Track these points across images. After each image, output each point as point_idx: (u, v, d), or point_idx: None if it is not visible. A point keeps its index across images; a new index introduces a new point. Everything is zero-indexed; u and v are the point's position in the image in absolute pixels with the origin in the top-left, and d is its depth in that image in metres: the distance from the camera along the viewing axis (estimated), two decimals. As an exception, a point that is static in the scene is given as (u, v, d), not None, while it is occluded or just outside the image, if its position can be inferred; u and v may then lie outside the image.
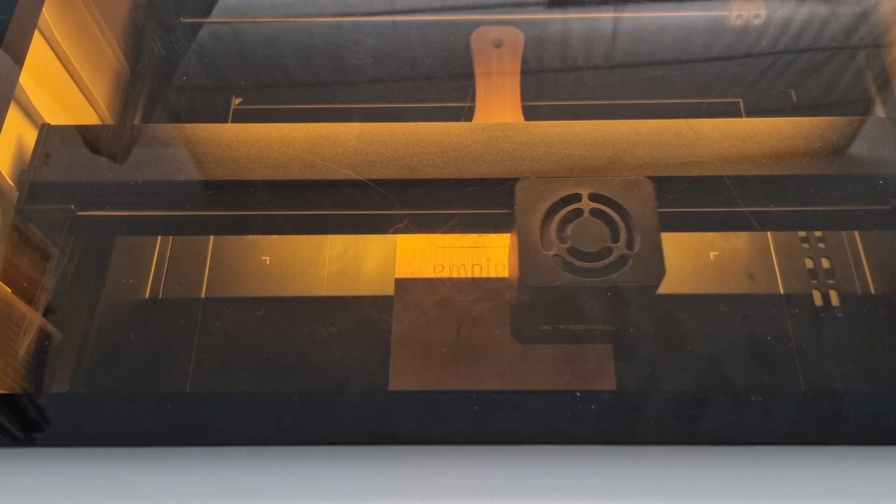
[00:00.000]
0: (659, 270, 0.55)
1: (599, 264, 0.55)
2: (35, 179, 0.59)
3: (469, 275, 0.62)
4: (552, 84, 0.75)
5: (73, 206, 0.60)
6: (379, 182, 0.59)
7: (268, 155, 0.61)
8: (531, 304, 0.58)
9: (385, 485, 0.45)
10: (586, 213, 0.57)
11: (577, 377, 0.56)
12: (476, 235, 0.63)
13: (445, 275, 0.62)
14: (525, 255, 0.55)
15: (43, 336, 0.57)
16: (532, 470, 0.45)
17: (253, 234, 0.67)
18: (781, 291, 0.66)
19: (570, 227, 0.56)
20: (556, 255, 0.56)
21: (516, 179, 0.59)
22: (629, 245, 0.56)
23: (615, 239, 0.56)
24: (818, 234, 0.68)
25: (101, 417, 0.49)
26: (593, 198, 0.57)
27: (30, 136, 0.62)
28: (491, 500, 0.44)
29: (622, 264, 0.55)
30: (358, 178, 0.59)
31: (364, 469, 0.45)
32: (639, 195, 0.57)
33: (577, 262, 0.55)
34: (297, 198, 0.61)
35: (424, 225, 0.62)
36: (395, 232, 0.61)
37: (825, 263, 0.67)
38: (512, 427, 0.47)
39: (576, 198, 0.58)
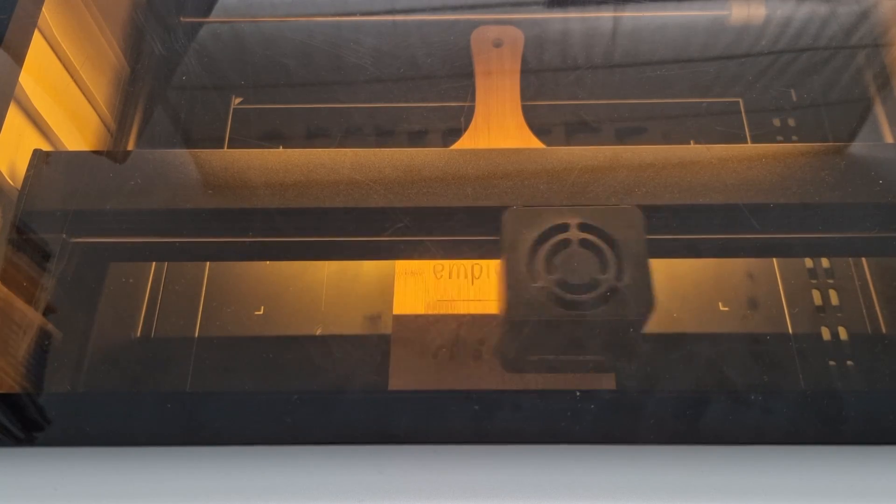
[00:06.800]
0: (648, 302, 0.53)
1: (587, 297, 0.54)
2: (27, 208, 0.58)
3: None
4: (552, 84, 0.75)
5: (64, 236, 0.59)
6: (375, 208, 0.58)
7: (263, 181, 0.60)
8: (520, 336, 0.56)
9: (385, 485, 0.45)
10: (574, 244, 0.55)
11: (577, 377, 0.56)
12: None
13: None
14: (512, 287, 0.54)
15: (43, 336, 0.57)
16: (532, 470, 0.45)
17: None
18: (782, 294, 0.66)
19: (558, 258, 0.55)
20: (544, 286, 0.54)
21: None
22: (618, 277, 0.54)
23: (604, 270, 0.54)
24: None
25: (101, 417, 0.49)
26: (582, 228, 0.56)
27: (30, 136, 0.62)
28: (491, 500, 0.44)
29: (610, 297, 0.54)
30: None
31: (364, 469, 0.46)
32: (628, 225, 0.56)
33: (564, 295, 0.54)
34: (292, 224, 0.60)
35: (418, 252, 0.61)
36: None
37: (825, 263, 0.67)
38: (512, 427, 0.47)
39: (563, 228, 0.56)
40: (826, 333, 0.63)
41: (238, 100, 0.75)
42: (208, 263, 0.67)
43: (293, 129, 0.75)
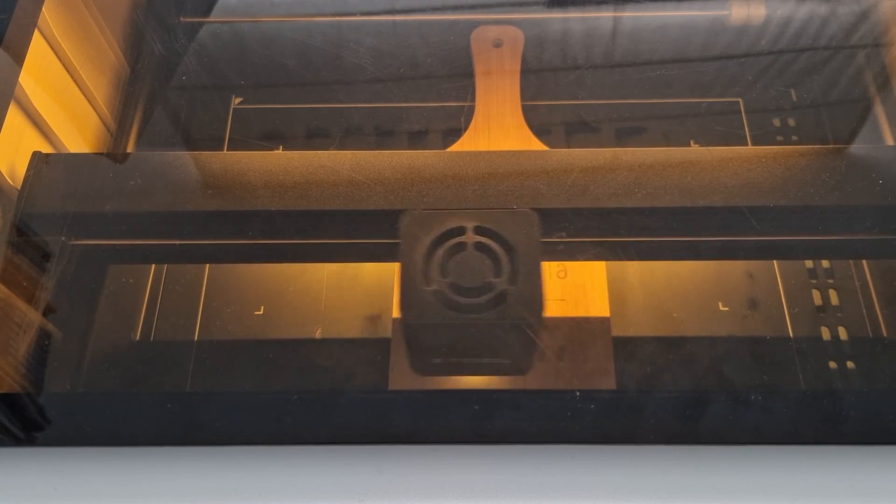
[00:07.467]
0: (537, 306, 0.53)
1: (479, 300, 0.53)
2: (27, 210, 0.58)
3: None
4: (552, 84, 0.75)
5: (64, 238, 0.59)
6: (373, 211, 0.58)
7: (263, 183, 0.59)
8: (420, 339, 0.55)
9: (385, 485, 0.45)
10: (469, 247, 0.55)
11: (577, 376, 0.56)
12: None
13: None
14: (405, 290, 0.54)
15: (43, 336, 0.57)
16: (532, 470, 0.45)
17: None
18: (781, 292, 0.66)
19: (452, 262, 0.54)
20: (437, 290, 0.54)
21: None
22: (511, 280, 0.54)
23: (497, 274, 0.54)
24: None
25: (101, 417, 0.49)
26: (478, 231, 0.55)
27: (30, 137, 0.62)
28: (491, 500, 0.44)
29: (502, 300, 0.53)
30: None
31: (364, 469, 0.46)
32: (523, 228, 0.55)
33: (457, 298, 0.53)
34: (291, 226, 0.59)
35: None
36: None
37: (825, 263, 0.67)
38: (512, 427, 0.47)
39: (460, 231, 0.55)
40: (826, 333, 0.63)
41: (238, 100, 0.75)
42: (208, 264, 0.67)
43: (293, 130, 0.75)
